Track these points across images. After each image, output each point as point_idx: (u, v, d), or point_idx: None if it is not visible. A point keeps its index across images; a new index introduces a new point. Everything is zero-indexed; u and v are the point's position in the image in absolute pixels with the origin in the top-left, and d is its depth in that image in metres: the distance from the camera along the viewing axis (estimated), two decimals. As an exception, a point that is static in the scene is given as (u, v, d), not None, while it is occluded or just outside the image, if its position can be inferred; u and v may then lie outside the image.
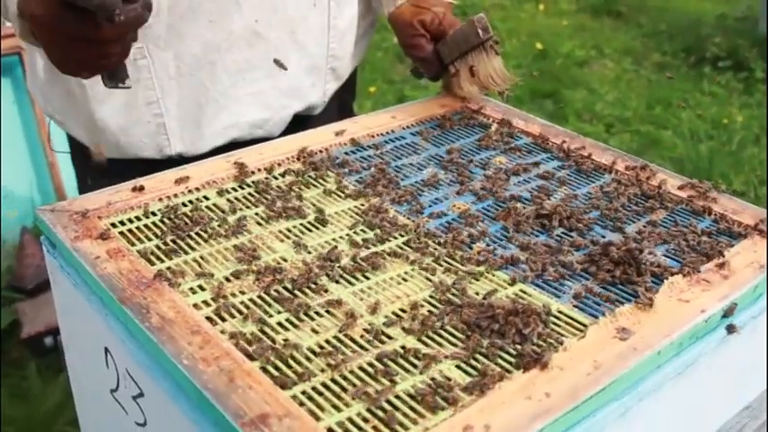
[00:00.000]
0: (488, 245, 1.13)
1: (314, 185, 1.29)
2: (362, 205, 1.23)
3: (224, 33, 1.41)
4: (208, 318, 0.97)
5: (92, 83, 1.37)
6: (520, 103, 4.70)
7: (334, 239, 1.15)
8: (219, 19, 1.39)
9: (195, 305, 1.00)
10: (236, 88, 1.46)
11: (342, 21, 1.55)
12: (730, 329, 1.00)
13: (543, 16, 6.38)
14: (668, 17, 6.28)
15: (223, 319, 0.98)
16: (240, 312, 0.99)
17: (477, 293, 1.02)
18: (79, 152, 1.56)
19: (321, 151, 1.38)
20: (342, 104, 1.72)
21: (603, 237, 1.15)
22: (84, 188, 1.58)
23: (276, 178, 1.30)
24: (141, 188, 1.23)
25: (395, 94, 4.70)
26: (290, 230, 1.17)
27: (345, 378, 0.88)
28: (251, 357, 0.90)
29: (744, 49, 5.23)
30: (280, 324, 0.97)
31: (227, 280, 1.05)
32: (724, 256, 1.09)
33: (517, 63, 5.34)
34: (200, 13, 1.38)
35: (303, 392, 0.86)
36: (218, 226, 1.17)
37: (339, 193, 1.27)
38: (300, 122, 1.55)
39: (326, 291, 1.03)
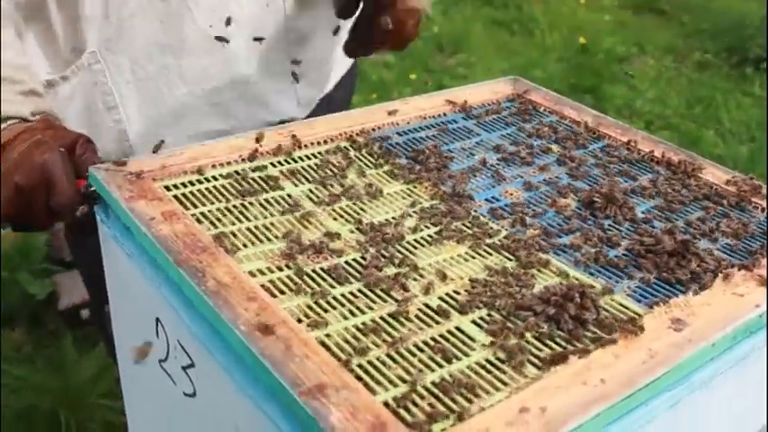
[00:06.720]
0: (541, 231, 1.13)
1: (366, 165, 1.29)
2: (414, 187, 1.23)
3: (177, 37, 1.36)
4: (263, 286, 0.97)
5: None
6: (560, 97, 4.67)
7: (387, 220, 1.15)
8: (170, 21, 1.34)
9: (251, 273, 1.00)
10: (195, 97, 1.41)
11: (302, 22, 1.48)
12: (784, 326, 1.00)
13: (585, 11, 6.33)
14: (711, 16, 6.20)
15: (279, 289, 0.98)
16: (295, 284, 0.99)
17: (531, 277, 1.02)
18: None
19: (373, 129, 1.37)
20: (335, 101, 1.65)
21: (656, 228, 1.15)
22: None
23: (328, 153, 1.30)
24: (196, 156, 1.24)
25: (435, 83, 4.69)
26: (342, 209, 1.17)
27: (401, 354, 0.88)
28: (307, 327, 0.91)
29: (787, 51, 5.16)
30: (335, 298, 0.97)
31: (281, 252, 1.05)
32: (779, 254, 1.09)
33: (558, 56, 5.31)
34: (150, 13, 1.33)
35: (359, 366, 0.86)
36: (272, 198, 1.17)
37: (392, 173, 1.27)
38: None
39: (380, 270, 1.03)
